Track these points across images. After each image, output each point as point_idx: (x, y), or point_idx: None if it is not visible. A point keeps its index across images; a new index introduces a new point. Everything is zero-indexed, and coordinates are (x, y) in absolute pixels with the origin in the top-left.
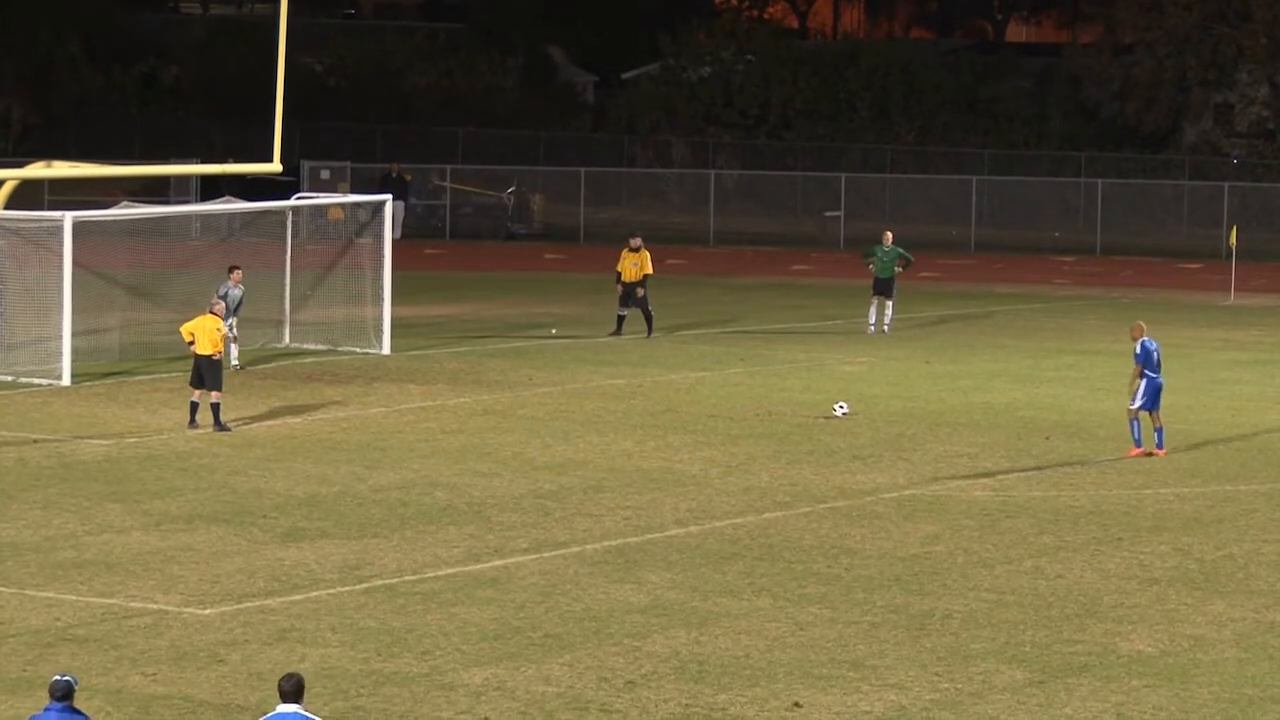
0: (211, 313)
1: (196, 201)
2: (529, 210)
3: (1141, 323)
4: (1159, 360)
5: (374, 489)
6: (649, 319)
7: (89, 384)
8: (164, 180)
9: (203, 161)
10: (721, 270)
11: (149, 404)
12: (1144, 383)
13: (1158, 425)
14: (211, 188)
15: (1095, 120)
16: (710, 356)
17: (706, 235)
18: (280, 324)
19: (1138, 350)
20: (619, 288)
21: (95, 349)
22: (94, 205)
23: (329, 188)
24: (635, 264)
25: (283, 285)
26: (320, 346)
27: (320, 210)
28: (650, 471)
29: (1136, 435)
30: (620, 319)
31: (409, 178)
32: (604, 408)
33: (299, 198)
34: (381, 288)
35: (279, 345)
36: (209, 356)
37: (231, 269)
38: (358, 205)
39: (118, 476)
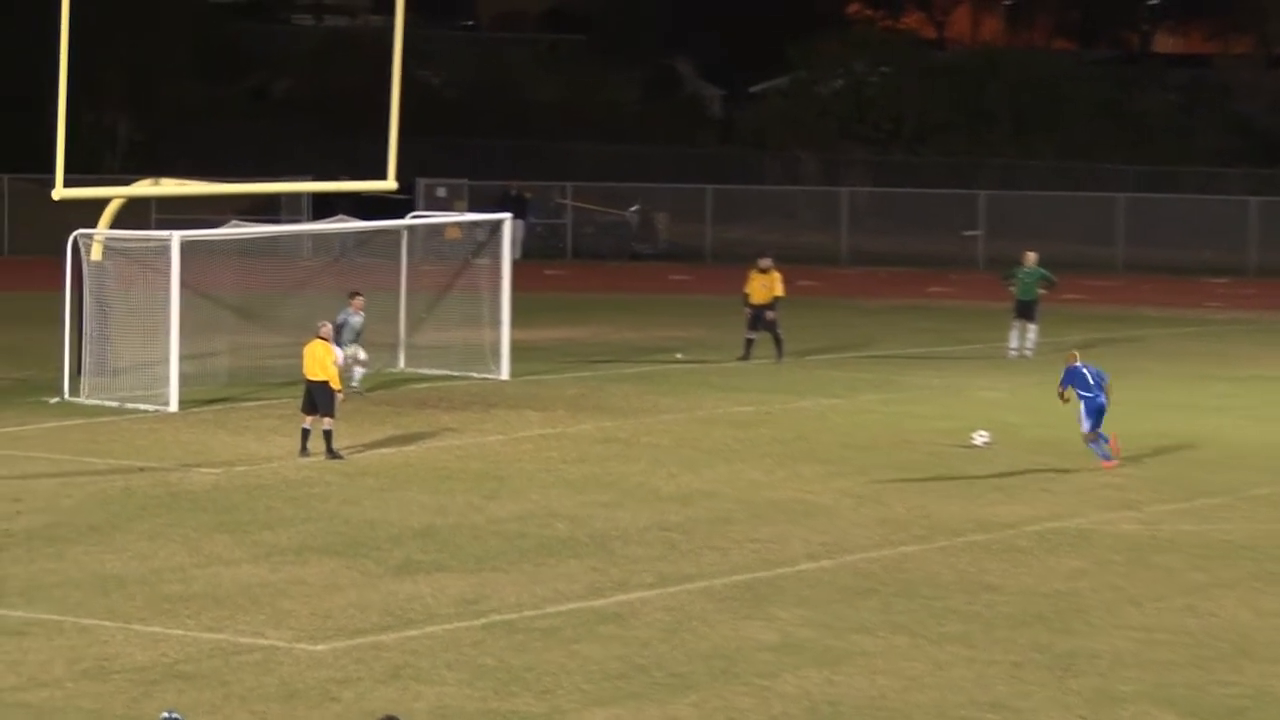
0: (319, 337)
1: (308, 220)
2: (654, 229)
3: (1075, 352)
4: (1097, 381)
5: (492, 520)
6: (779, 343)
7: (197, 410)
8: (274, 198)
9: (315, 179)
10: (854, 292)
11: (258, 431)
12: (1082, 404)
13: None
14: (324, 206)
15: (1248, 135)
16: (842, 382)
17: (838, 255)
18: (395, 348)
19: (1063, 375)
20: (747, 310)
21: (203, 373)
22: (202, 224)
23: (446, 206)
24: (764, 285)
25: (397, 308)
26: (436, 371)
27: (437, 229)
28: (780, 503)
29: (1103, 452)
30: (748, 343)
31: (529, 195)
32: (732, 436)
33: (414, 217)
34: (500, 310)
35: (394, 370)
36: (320, 382)
37: (353, 295)
38: (475, 224)
39: (226, 506)
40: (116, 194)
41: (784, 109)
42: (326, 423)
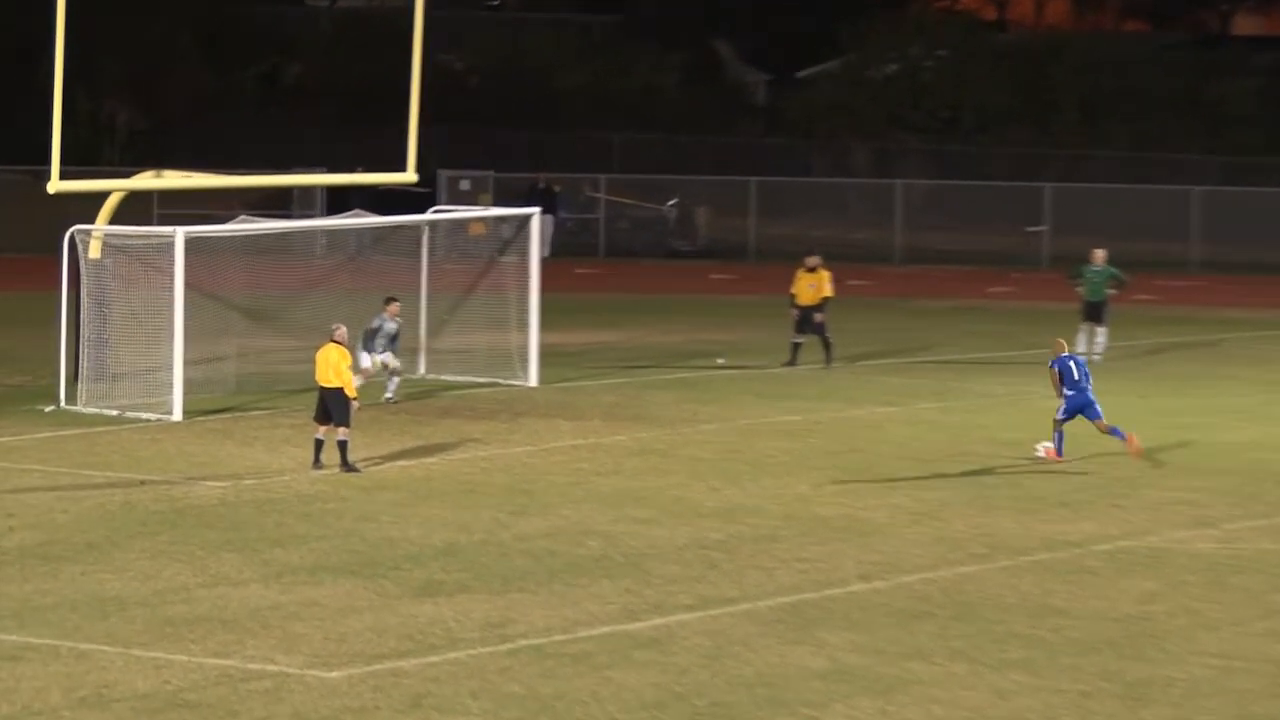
0: (333, 340)
1: (322, 215)
2: (693, 224)
3: (1061, 340)
4: (1079, 376)
5: (519, 538)
6: (828, 347)
7: (202, 419)
8: (286, 192)
9: (329, 171)
10: (909, 292)
11: (268, 442)
12: (1065, 400)
13: (1107, 428)
14: (339, 200)
15: None
16: (897, 389)
17: (892, 252)
18: (415, 352)
19: (1056, 367)
20: (794, 312)
21: (209, 380)
22: (208, 220)
23: (469, 200)
24: (812, 285)
25: (418, 309)
26: (460, 378)
27: (460, 225)
28: (830, 519)
29: (1059, 444)
30: (795, 347)
31: (558, 189)
32: (778, 447)
33: (436, 211)
34: (528, 312)
35: (413, 376)
36: (334, 389)
37: (389, 301)
38: (501, 220)
39: (234, 523)
40: (116, 187)
41: (833, 95)
42: (341, 433)
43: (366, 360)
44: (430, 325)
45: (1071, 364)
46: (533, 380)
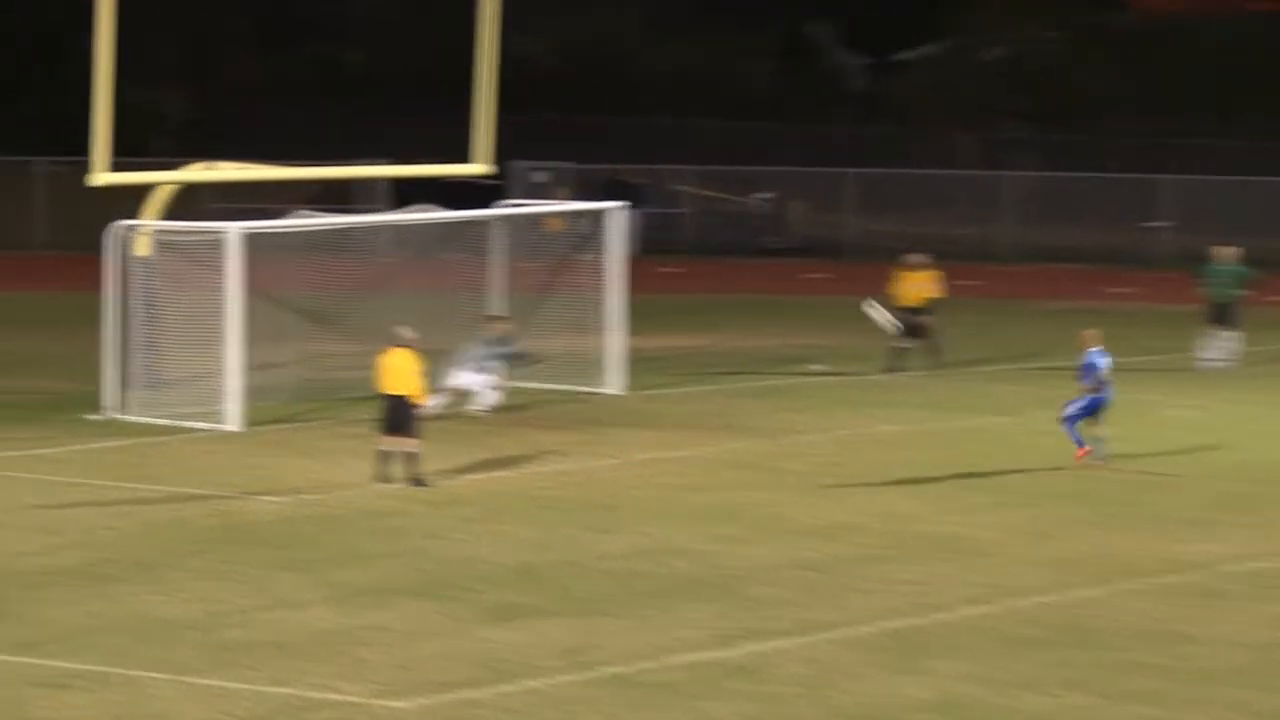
0: (400, 344)
1: (387, 210)
2: (786, 220)
3: (1090, 332)
4: (1102, 376)
5: (601, 557)
6: (933, 352)
7: (260, 429)
8: (347, 185)
9: (394, 162)
10: (1020, 293)
11: (331, 454)
12: (1085, 397)
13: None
14: (405, 194)
15: None
16: (1008, 398)
17: (1000, 250)
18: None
19: (1084, 362)
20: (896, 314)
21: (267, 387)
22: (265, 215)
23: (546, 194)
24: (915, 285)
25: (488, 306)
26: (536, 385)
27: (535, 220)
28: (937, 538)
29: (1076, 437)
30: (898, 352)
31: (642, 181)
32: (880, 460)
33: (509, 205)
34: (609, 314)
35: None
36: (401, 397)
37: (494, 320)
38: (579, 214)
39: (294, 540)
40: (166, 179)
41: (937, 80)
42: (409, 444)
43: (469, 382)
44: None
45: (1099, 362)
46: (615, 387)
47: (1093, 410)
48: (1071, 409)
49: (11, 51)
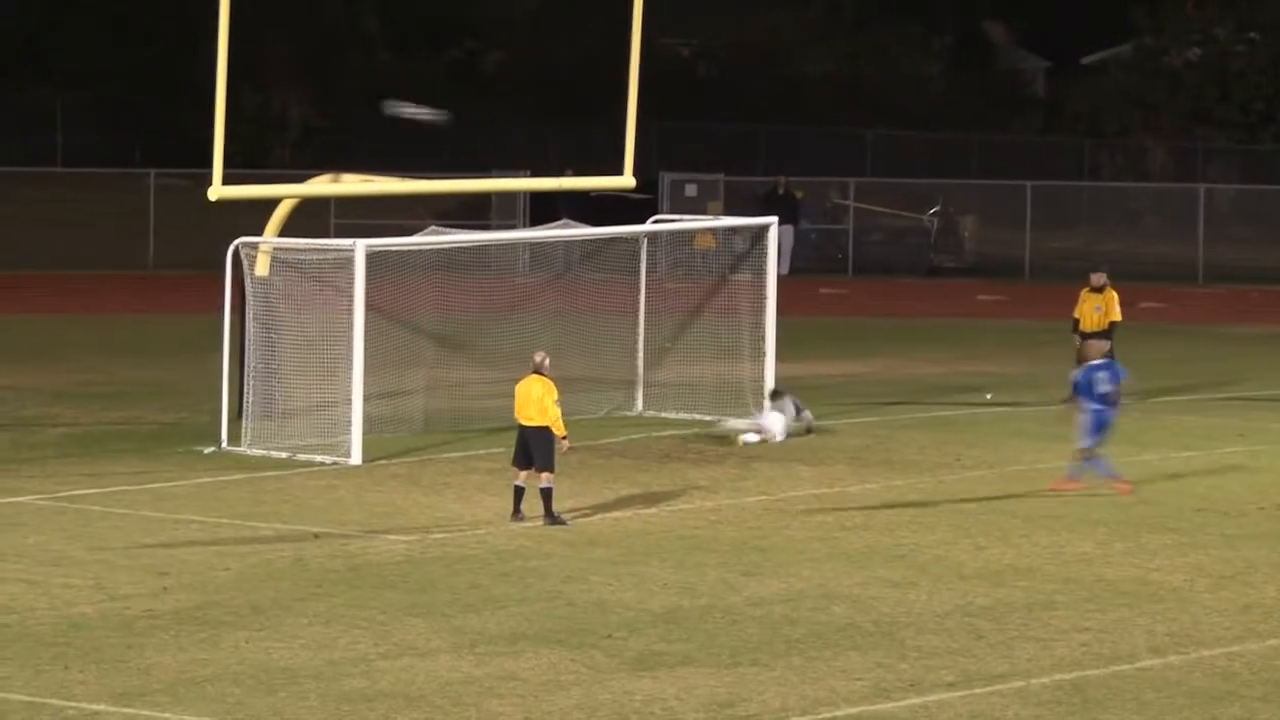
0: (536, 371)
1: (525, 226)
2: (958, 236)
3: (1092, 343)
4: (1106, 390)
5: (752, 602)
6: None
7: (385, 463)
8: (483, 199)
9: (532, 174)
10: (1215, 316)
11: (461, 489)
12: (1088, 417)
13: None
14: (544, 208)
15: None
16: (1199, 430)
17: (1194, 270)
18: (631, 385)
19: (1076, 378)
20: (1077, 339)
21: (394, 417)
22: (394, 231)
23: (696, 208)
24: (1098, 308)
25: (635, 335)
26: (683, 415)
27: (685, 237)
28: (1117, 582)
29: (1107, 470)
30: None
31: (800, 195)
32: (1055, 498)
33: (657, 221)
34: (763, 339)
35: (629, 413)
36: (538, 428)
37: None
38: (733, 231)
39: (421, 583)
40: (287, 193)
41: (1125, 85)
42: (545, 479)
43: (776, 425)
44: (649, 354)
45: (1097, 375)
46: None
47: (1100, 428)
48: (1087, 440)
49: (124, 57)
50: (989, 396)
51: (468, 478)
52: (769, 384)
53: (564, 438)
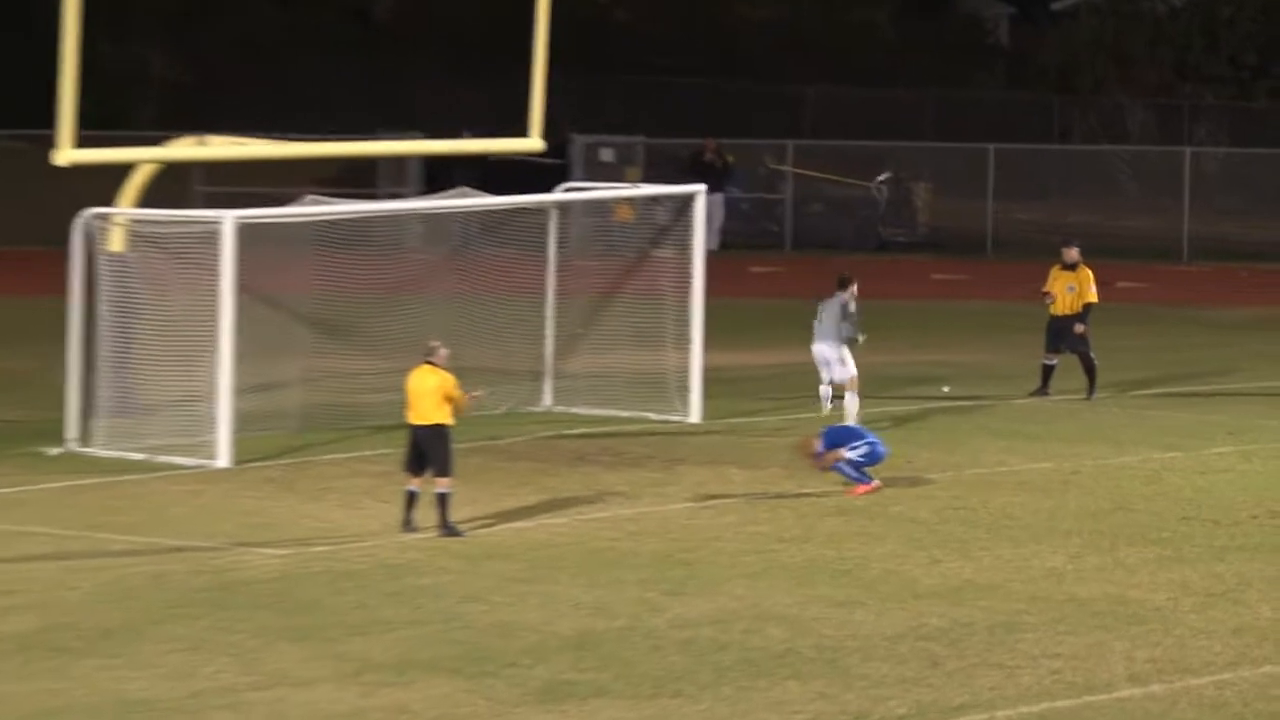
0: (429, 361)
1: (417, 195)
2: (911, 206)
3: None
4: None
5: (676, 624)
6: (1090, 371)
7: (257, 466)
8: (369, 165)
9: (426, 137)
10: (1201, 297)
11: (344, 495)
12: (861, 449)
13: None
14: (440, 176)
15: None
16: (1183, 428)
17: (1178, 245)
18: (538, 377)
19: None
20: (1048, 299)
21: (267, 414)
22: (267, 201)
23: (613, 175)
24: (1071, 287)
25: (542, 320)
26: (597, 411)
27: (600, 208)
28: (1091, 601)
29: (856, 475)
30: (1047, 371)
31: (731, 159)
32: (1021, 504)
33: (568, 189)
34: (689, 324)
35: (535, 409)
36: (431, 426)
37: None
38: (655, 200)
39: (298, 603)
40: (146, 157)
41: (1100, 34)
42: (442, 484)
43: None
44: (559, 342)
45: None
46: (694, 415)
47: (874, 459)
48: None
49: None
50: (946, 389)
51: (352, 482)
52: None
53: (474, 395)
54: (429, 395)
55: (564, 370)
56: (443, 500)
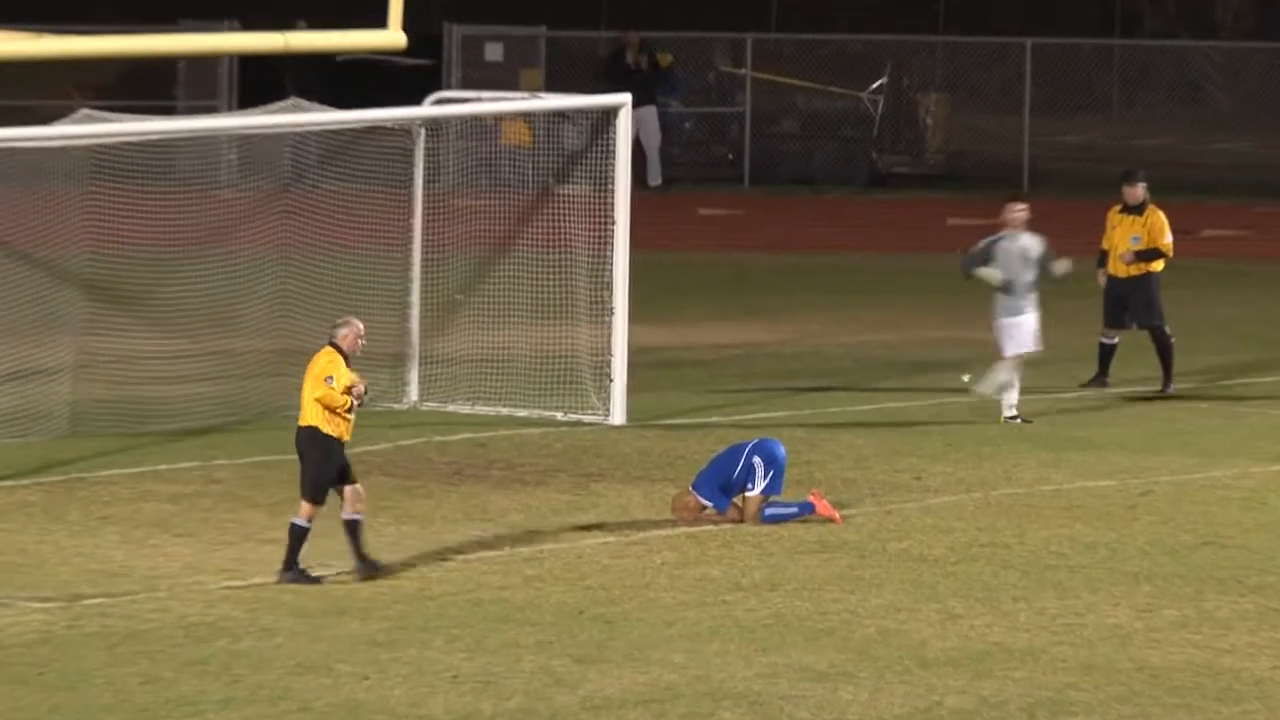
0: (331, 344)
1: (232, 111)
2: (917, 126)
3: None
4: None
5: (592, 704)
6: (1166, 354)
7: (9, 485)
8: (165, 67)
9: (244, 28)
10: None
11: (129, 526)
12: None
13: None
14: (264, 84)
15: None
16: None
17: None
18: (401, 362)
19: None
20: (1102, 279)
21: (23, 413)
22: (25, 119)
23: (503, 80)
24: (1136, 237)
25: (407, 283)
26: (482, 410)
27: (485, 128)
28: (1168, 672)
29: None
30: (1106, 352)
31: (666, 60)
32: (1072, 538)
33: (440, 101)
34: (611, 289)
35: (397, 406)
36: (303, 430)
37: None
38: (562, 117)
39: (67, 676)
40: None
41: None
42: (301, 511)
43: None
44: (428, 315)
45: (756, 461)
46: (618, 414)
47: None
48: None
49: None
50: (966, 379)
51: (139, 508)
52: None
53: (348, 389)
54: (306, 387)
55: (437, 353)
56: (295, 534)
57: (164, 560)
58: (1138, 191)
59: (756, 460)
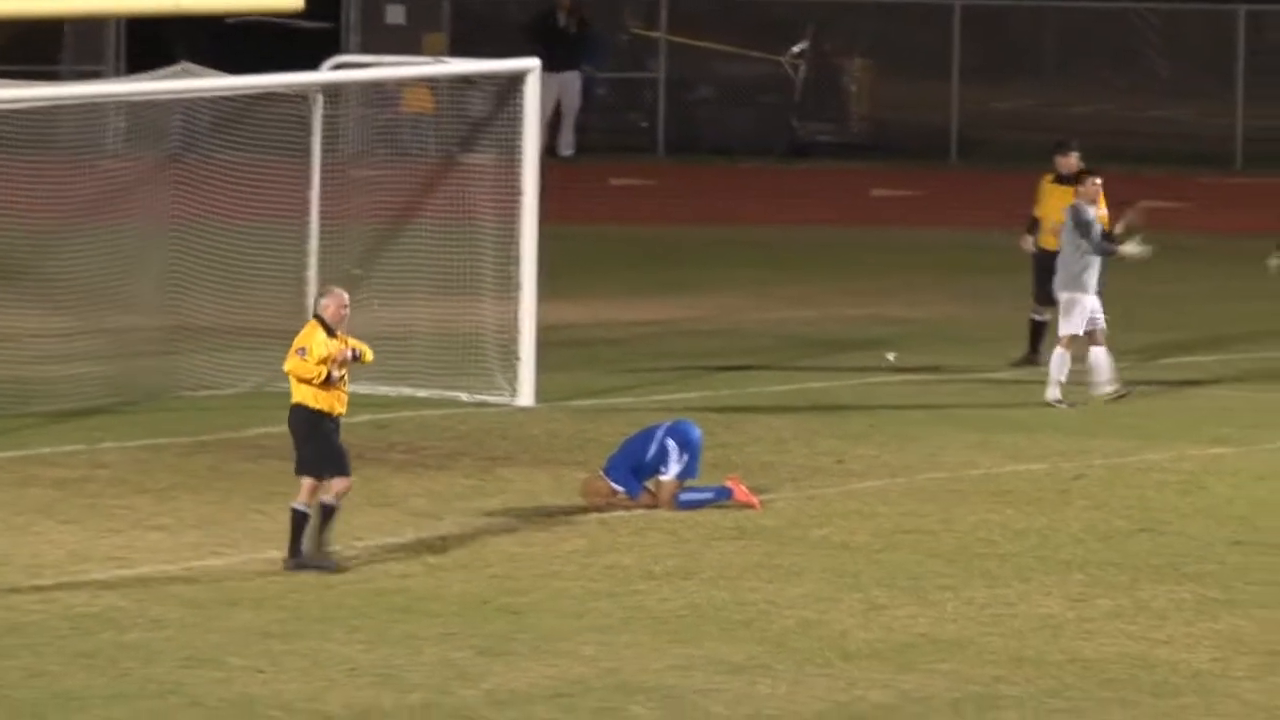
0: (316, 316)
1: (119, 76)
2: (840, 92)
3: None
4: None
5: (496, 699)
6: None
7: None
8: (50, 30)
9: None
10: (1261, 223)
11: (11, 513)
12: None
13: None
14: (153, 48)
15: None
16: (1236, 413)
17: (1230, 146)
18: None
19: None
20: (1032, 253)
21: None
22: None
23: (405, 44)
24: (1068, 208)
25: (303, 257)
26: (381, 389)
27: (386, 94)
28: (1101, 664)
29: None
30: (1037, 329)
31: (584, 21)
32: (1002, 524)
33: (339, 66)
34: (518, 262)
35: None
36: (291, 408)
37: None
38: (468, 83)
39: None
40: None
41: None
42: (302, 492)
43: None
44: (326, 287)
45: (670, 443)
46: (525, 395)
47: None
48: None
49: None
50: (890, 357)
51: (21, 494)
52: None
53: (323, 360)
54: (292, 351)
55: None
56: (296, 520)
57: (48, 548)
58: (1071, 161)
59: (671, 443)
